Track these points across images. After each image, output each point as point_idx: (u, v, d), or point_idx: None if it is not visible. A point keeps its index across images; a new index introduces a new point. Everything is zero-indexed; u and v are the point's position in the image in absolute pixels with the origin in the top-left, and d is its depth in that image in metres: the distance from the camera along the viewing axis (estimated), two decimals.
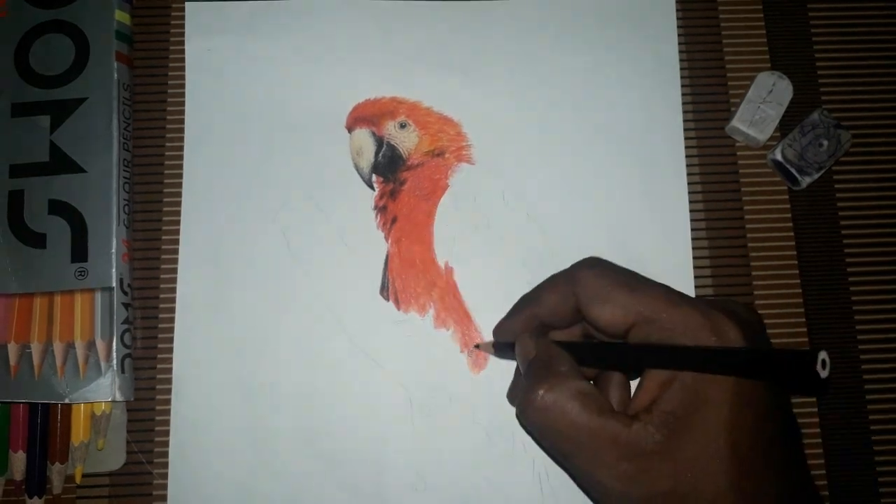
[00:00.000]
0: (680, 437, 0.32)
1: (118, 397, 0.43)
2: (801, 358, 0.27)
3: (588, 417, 0.33)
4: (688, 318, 0.33)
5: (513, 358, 0.39)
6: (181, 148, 0.48)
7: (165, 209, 0.47)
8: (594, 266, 0.37)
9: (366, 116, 0.48)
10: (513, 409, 0.45)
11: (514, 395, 0.43)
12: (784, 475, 0.33)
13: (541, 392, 0.33)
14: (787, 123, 0.48)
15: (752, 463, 0.32)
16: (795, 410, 0.35)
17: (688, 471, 0.31)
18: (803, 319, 0.47)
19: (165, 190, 0.47)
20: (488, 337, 0.46)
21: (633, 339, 0.34)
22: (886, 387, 0.47)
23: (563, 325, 0.38)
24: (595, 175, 0.48)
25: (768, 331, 0.46)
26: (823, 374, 0.26)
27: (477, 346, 0.45)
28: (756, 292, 0.47)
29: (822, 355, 0.26)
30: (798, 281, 0.47)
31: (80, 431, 0.44)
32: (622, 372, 0.37)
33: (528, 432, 0.37)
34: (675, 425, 0.32)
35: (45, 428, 0.44)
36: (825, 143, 0.47)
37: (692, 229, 0.47)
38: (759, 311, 0.46)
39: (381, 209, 0.47)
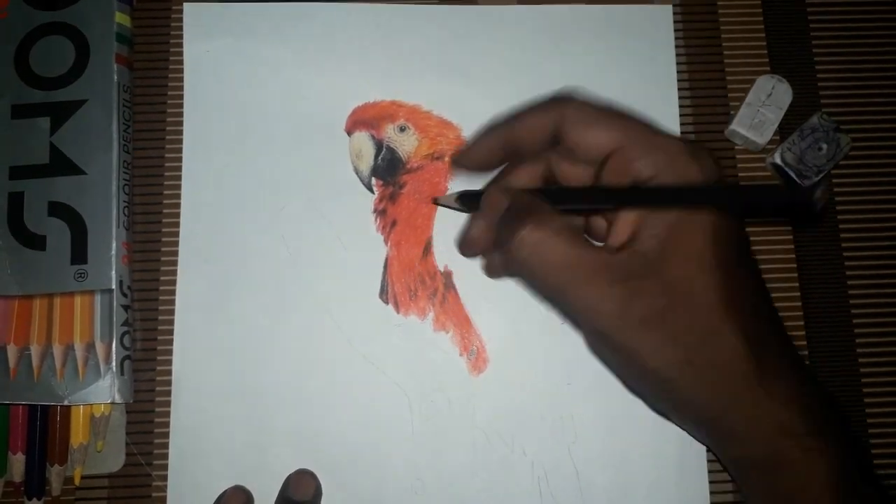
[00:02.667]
0: (669, 259, 0.33)
1: (117, 399, 0.43)
2: (802, 191, 0.29)
3: (577, 248, 0.34)
4: (669, 143, 0.35)
5: (472, 205, 0.40)
6: (181, 150, 0.48)
7: (165, 211, 0.47)
8: (580, 94, 0.37)
9: (365, 119, 0.48)
10: (513, 412, 0.45)
11: (467, 246, 0.43)
12: (763, 300, 0.35)
13: (528, 230, 0.35)
14: (787, 127, 0.48)
15: (738, 279, 0.33)
16: None
17: (680, 287, 0.33)
18: (802, 323, 0.47)
19: (165, 192, 0.47)
20: (489, 340, 0.46)
21: (610, 168, 0.35)
22: (885, 390, 0.47)
23: (529, 155, 0.39)
24: None
25: None
26: (820, 203, 0.28)
27: (435, 201, 0.46)
28: None
29: (822, 186, 0.28)
30: (797, 285, 0.47)
31: (79, 433, 0.44)
32: (595, 212, 0.38)
33: (515, 275, 0.38)
34: (662, 248, 0.33)
35: (45, 430, 0.44)
36: (824, 146, 0.47)
37: None
38: None
39: (380, 212, 0.47)
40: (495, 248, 0.41)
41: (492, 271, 0.45)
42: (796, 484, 0.34)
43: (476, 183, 0.43)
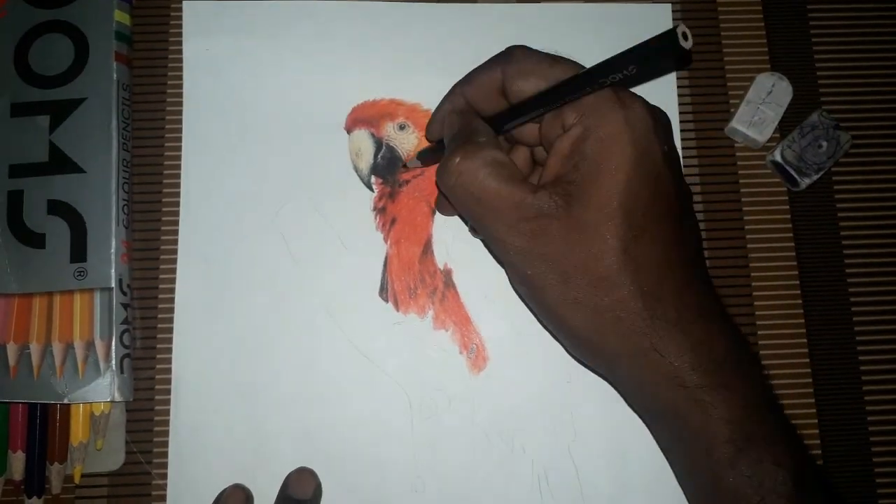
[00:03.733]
0: (578, 202, 0.34)
1: (117, 397, 0.43)
2: (667, 36, 0.30)
3: (497, 183, 0.35)
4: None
5: (436, 161, 0.42)
6: (180, 148, 0.48)
7: (164, 209, 0.47)
8: (524, 47, 0.39)
9: (365, 118, 0.48)
10: (513, 410, 0.45)
11: (441, 203, 0.45)
12: (676, 251, 0.35)
13: (457, 160, 0.36)
14: (787, 125, 0.48)
15: (644, 230, 0.34)
16: (790, 411, 0.37)
17: (581, 232, 0.34)
18: (802, 321, 0.47)
19: (165, 190, 0.47)
20: (488, 338, 0.46)
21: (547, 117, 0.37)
22: (885, 388, 0.47)
23: (489, 110, 0.40)
24: None
25: (766, 331, 0.46)
26: (686, 44, 0.29)
27: (404, 166, 0.47)
28: (755, 293, 0.47)
29: (681, 28, 0.29)
30: (797, 282, 0.47)
31: (79, 431, 0.44)
32: (532, 119, 0.39)
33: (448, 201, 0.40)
34: (575, 192, 0.34)
35: (44, 428, 0.44)
36: (824, 144, 0.47)
37: None
38: (758, 312, 0.47)
39: (380, 210, 0.47)
40: None
41: (440, 206, 0.46)
42: (692, 436, 0.35)
43: None
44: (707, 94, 0.50)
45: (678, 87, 0.49)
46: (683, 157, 0.48)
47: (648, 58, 0.31)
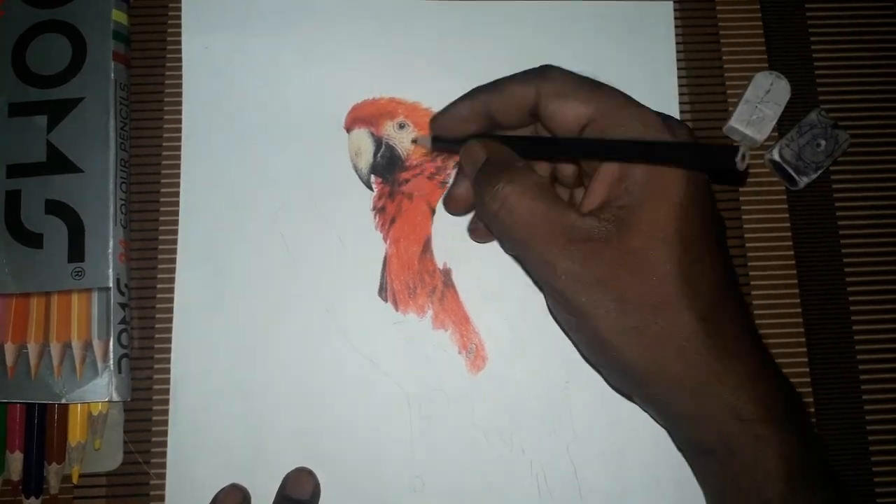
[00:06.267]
0: (630, 228, 0.33)
1: (115, 397, 0.43)
2: (730, 151, 0.29)
3: (545, 206, 0.35)
4: (645, 115, 0.35)
5: (447, 151, 0.42)
6: (178, 148, 0.48)
7: (162, 209, 0.47)
8: (560, 68, 0.38)
9: (364, 117, 0.48)
10: (511, 409, 0.45)
11: (452, 202, 0.44)
12: (726, 278, 0.35)
13: (501, 184, 0.35)
14: (785, 123, 0.48)
15: (699, 256, 0.34)
16: None
17: (638, 256, 0.33)
18: (801, 320, 0.47)
19: (162, 190, 0.47)
20: (487, 338, 0.46)
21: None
22: (883, 387, 0.47)
23: (507, 125, 0.39)
24: None
25: (765, 330, 0.46)
26: (742, 165, 0.29)
27: (414, 141, 0.46)
28: (753, 292, 0.47)
29: (743, 149, 0.29)
30: (796, 281, 0.47)
31: (77, 432, 0.44)
32: (564, 161, 0.39)
33: (488, 227, 0.39)
34: (627, 218, 0.33)
35: (42, 428, 0.44)
36: (823, 143, 0.47)
37: None
38: (756, 312, 0.47)
39: (379, 210, 0.47)
40: (475, 205, 0.42)
41: (476, 235, 0.45)
42: (744, 471, 0.34)
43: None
44: (705, 93, 0.50)
45: (676, 88, 0.49)
46: None
47: (702, 162, 0.32)
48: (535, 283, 0.44)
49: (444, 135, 0.41)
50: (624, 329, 0.34)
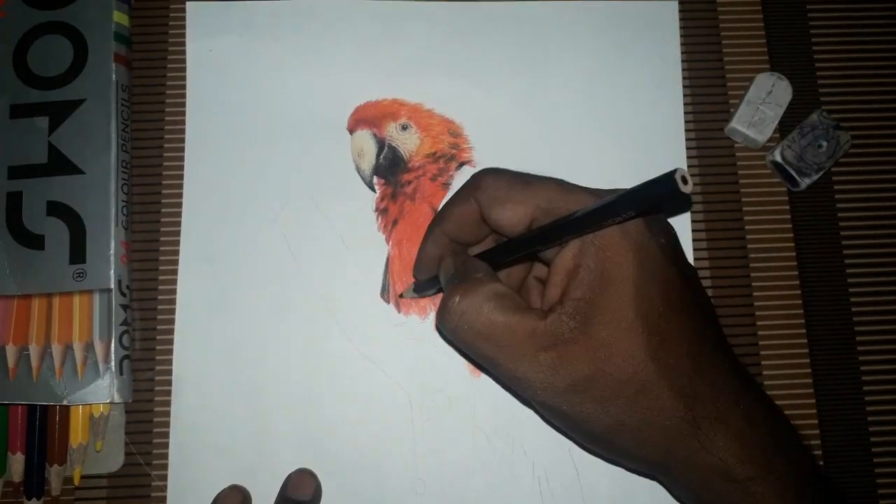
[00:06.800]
0: (592, 320, 0.33)
1: (116, 399, 0.43)
2: (666, 179, 0.28)
3: (504, 315, 0.34)
4: (581, 200, 0.34)
5: (433, 293, 0.42)
6: (180, 149, 0.48)
7: (164, 210, 0.47)
8: (491, 171, 0.37)
9: (367, 118, 0.48)
10: (513, 411, 0.45)
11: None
12: (699, 342, 0.34)
13: (457, 298, 0.34)
14: (787, 124, 0.48)
15: (665, 332, 0.33)
16: (790, 412, 0.36)
17: (605, 350, 0.33)
18: (802, 321, 0.47)
19: (164, 192, 0.47)
20: None
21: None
22: (885, 388, 0.47)
23: (473, 240, 0.39)
24: (596, 177, 0.47)
25: (766, 331, 0.46)
26: (686, 188, 0.27)
27: (401, 296, 0.46)
28: (755, 294, 0.47)
29: (680, 172, 0.27)
30: (797, 282, 0.47)
31: (78, 433, 0.44)
32: (531, 260, 0.38)
33: (449, 342, 0.39)
34: (586, 310, 0.33)
35: (44, 429, 0.44)
36: (824, 144, 0.47)
37: (692, 230, 0.47)
38: (758, 313, 0.47)
39: (381, 211, 0.47)
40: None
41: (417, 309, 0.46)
42: None
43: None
44: (707, 93, 0.50)
45: (681, 88, 0.49)
46: (685, 158, 0.48)
47: (647, 203, 0.30)
48: (508, 391, 0.44)
49: (423, 278, 0.41)
50: (610, 424, 0.34)
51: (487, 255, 0.38)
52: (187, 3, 0.49)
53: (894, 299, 0.48)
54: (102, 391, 0.43)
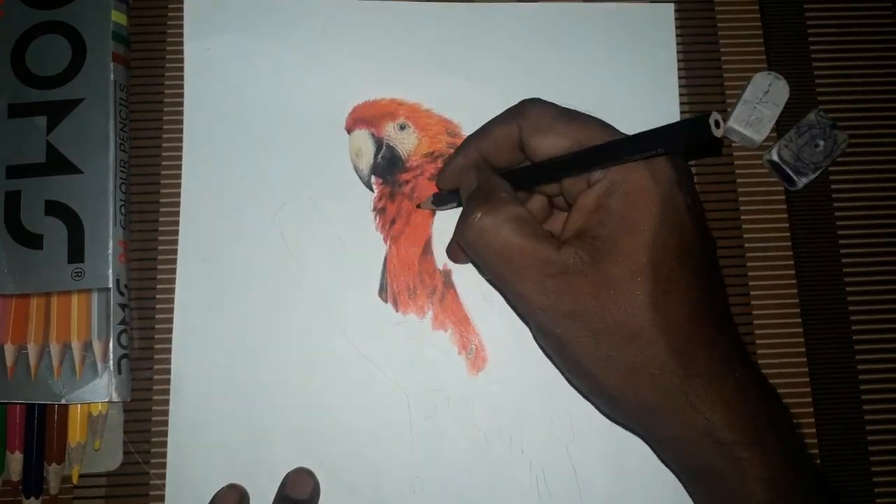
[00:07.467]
0: (604, 258, 0.34)
1: (115, 398, 0.43)
2: (700, 121, 0.29)
3: (520, 238, 0.35)
4: (618, 137, 0.35)
5: (451, 206, 0.43)
6: (178, 149, 0.48)
7: (162, 210, 0.47)
8: (538, 100, 0.38)
9: (365, 117, 0.48)
10: (511, 410, 0.45)
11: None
12: (703, 305, 0.35)
13: (479, 215, 0.36)
14: (784, 124, 0.48)
15: (672, 285, 0.34)
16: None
17: (610, 288, 0.33)
18: (799, 320, 0.47)
19: (162, 191, 0.47)
20: (487, 338, 0.46)
21: None
22: (882, 387, 0.47)
23: (504, 164, 0.40)
24: None
25: (763, 330, 0.47)
26: (718, 132, 0.29)
27: (419, 206, 0.47)
28: (752, 293, 0.47)
29: (715, 116, 0.29)
30: (794, 281, 0.47)
31: (76, 432, 0.44)
32: (555, 181, 0.38)
33: (466, 254, 0.40)
34: (601, 247, 0.34)
35: (42, 428, 0.44)
36: (821, 143, 0.47)
37: None
38: (755, 311, 0.47)
39: (380, 210, 0.47)
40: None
41: (454, 255, 0.46)
42: (728, 494, 0.34)
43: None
44: (704, 93, 0.50)
45: (677, 89, 0.49)
46: None
47: (679, 141, 0.31)
48: (513, 309, 0.45)
49: (445, 188, 0.43)
50: (598, 358, 0.34)
51: (511, 176, 0.38)
52: (185, 2, 0.49)
53: (891, 298, 0.48)
54: (101, 390, 0.43)
